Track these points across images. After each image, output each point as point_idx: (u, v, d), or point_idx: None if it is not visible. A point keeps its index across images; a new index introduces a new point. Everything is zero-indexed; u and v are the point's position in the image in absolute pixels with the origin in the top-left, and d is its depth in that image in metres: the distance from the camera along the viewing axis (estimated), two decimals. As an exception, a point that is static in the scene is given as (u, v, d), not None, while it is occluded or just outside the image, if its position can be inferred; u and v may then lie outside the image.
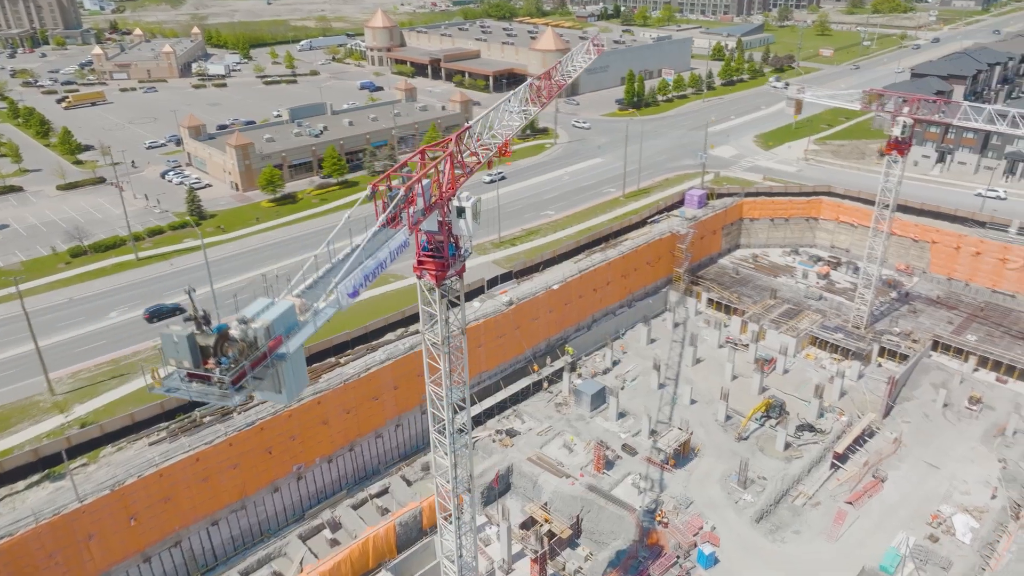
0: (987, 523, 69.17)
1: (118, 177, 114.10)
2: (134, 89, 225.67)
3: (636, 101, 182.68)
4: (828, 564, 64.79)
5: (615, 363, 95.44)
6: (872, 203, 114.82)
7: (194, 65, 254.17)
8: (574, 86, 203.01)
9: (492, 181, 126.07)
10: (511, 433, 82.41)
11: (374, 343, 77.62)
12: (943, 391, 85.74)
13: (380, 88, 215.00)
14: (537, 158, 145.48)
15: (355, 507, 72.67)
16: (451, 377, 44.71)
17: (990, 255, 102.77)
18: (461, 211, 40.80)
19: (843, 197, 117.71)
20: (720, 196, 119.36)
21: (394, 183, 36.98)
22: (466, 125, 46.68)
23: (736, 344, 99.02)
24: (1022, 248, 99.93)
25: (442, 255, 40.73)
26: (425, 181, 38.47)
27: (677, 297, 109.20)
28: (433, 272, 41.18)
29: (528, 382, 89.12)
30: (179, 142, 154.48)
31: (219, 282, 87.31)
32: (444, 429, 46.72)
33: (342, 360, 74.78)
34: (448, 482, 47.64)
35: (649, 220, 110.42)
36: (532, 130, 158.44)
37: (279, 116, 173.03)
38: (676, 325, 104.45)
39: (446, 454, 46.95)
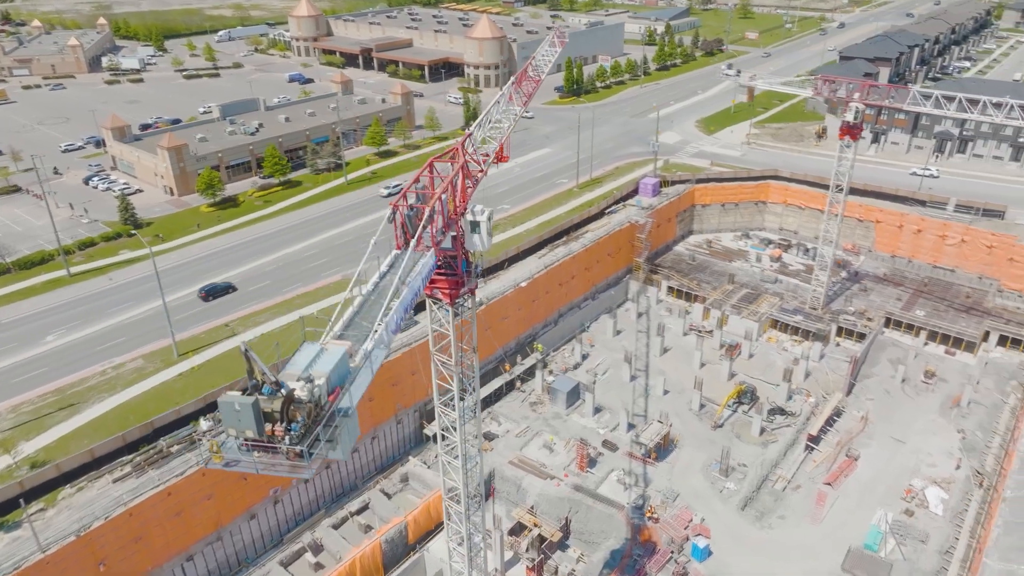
0: (955, 493, 72.20)
1: (40, 184, 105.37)
2: (39, 86, 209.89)
3: (576, 88, 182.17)
4: (816, 547, 66.16)
5: (584, 357, 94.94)
6: (817, 185, 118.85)
7: (104, 59, 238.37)
8: (513, 72, 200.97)
9: (390, 194, 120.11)
10: (488, 436, 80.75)
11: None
12: (902, 367, 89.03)
13: (311, 80, 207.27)
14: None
15: (336, 526, 69.69)
16: (464, 397, 42.56)
17: (931, 232, 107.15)
18: (475, 225, 38.58)
19: (790, 180, 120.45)
20: (672, 183, 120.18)
21: (411, 201, 34.37)
22: (467, 132, 44.33)
23: (700, 331, 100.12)
24: (960, 225, 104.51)
25: (456, 273, 38.39)
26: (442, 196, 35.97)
27: (638, 286, 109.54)
28: (447, 291, 38.90)
29: (501, 382, 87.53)
30: (100, 144, 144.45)
31: (168, 295, 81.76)
32: (446, 443, 44.67)
33: (313, 374, 71.14)
34: (460, 504, 45.68)
35: (607, 211, 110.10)
36: (475, 120, 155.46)
37: (207, 112, 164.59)
38: (640, 315, 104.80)
39: (456, 474, 44.90)
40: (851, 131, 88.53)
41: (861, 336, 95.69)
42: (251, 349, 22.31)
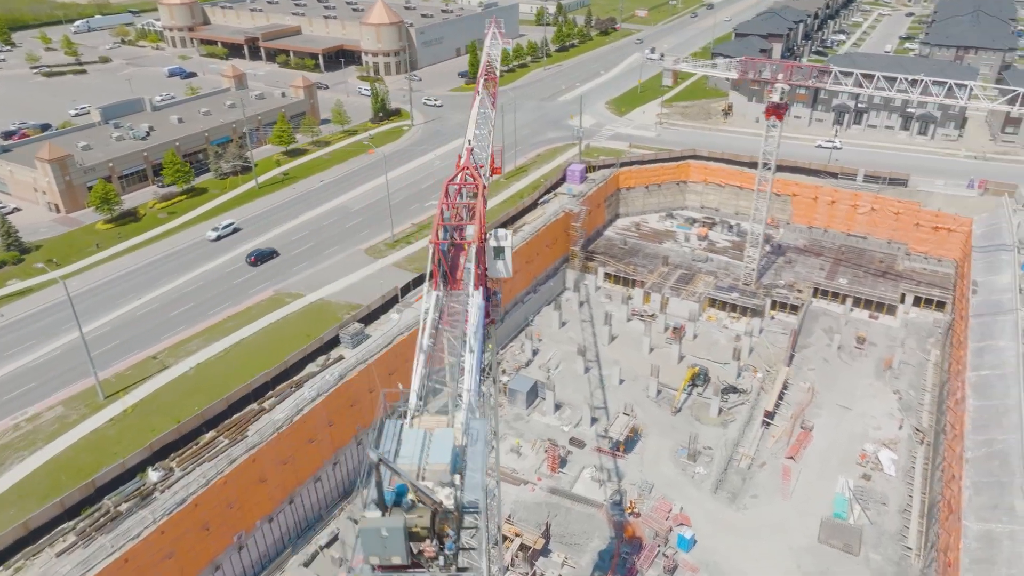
0: (902, 453, 76.57)
1: None
2: None
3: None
4: (791, 522, 68.21)
5: (535, 353, 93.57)
6: (734, 163, 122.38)
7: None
8: (412, 62, 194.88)
9: (219, 237, 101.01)
10: (453, 447, 77.84)
11: (297, 379, 69.09)
12: (837, 336, 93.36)
13: (193, 74, 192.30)
14: (399, 144, 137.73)
15: (306, 564, 65.27)
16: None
17: (843, 202, 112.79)
18: (500, 251, 35.76)
19: (708, 159, 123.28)
20: (597, 168, 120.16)
21: (442, 236, 31.15)
22: (468, 146, 41.10)
23: (643, 316, 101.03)
24: (869, 194, 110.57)
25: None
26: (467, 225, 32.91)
27: (576, 275, 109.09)
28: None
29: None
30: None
31: (76, 329, 72.92)
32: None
33: (267, 405, 65.79)
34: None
35: (539, 201, 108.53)
36: (384, 112, 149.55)
37: (82, 114, 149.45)
38: (581, 304, 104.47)
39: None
40: (777, 111, 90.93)
41: (794, 308, 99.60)
42: (385, 458, 18.63)
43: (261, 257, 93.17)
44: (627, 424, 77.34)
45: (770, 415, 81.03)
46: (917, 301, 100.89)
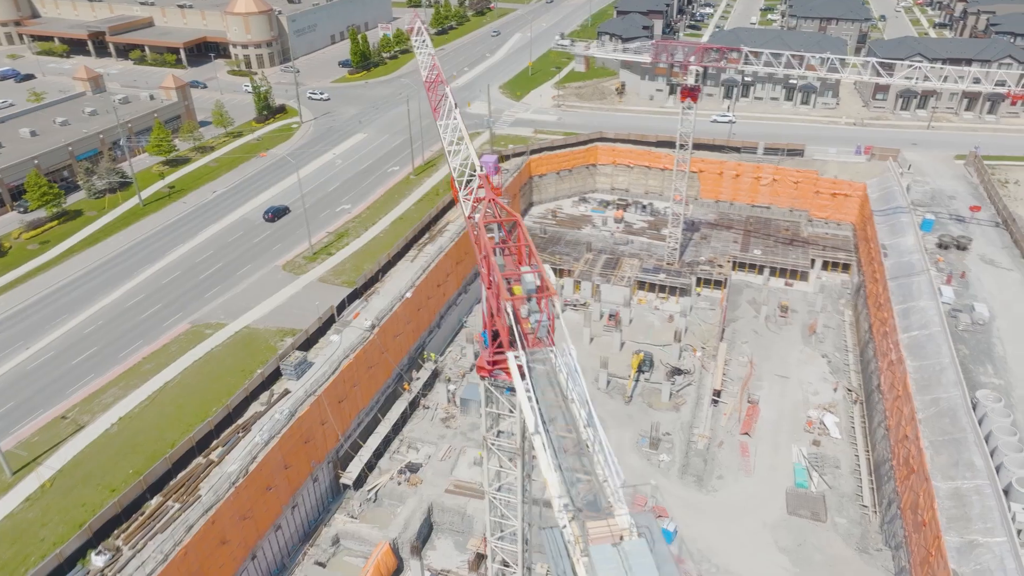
0: (842, 415, 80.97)
1: None
2: None
3: (366, 62, 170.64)
4: (759, 497, 70.26)
5: (476, 356, 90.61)
6: (640, 143, 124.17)
7: None
8: (286, 51, 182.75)
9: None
10: (413, 468, 74.20)
11: (243, 422, 62.68)
12: (764, 307, 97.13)
13: (31, 76, 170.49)
14: (291, 143, 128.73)
15: (278, 621, 59.96)
16: (525, 480, 37.11)
17: (747, 175, 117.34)
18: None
19: (614, 141, 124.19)
20: (508, 158, 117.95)
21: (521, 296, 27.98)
22: (481, 173, 37.54)
23: (575, 305, 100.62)
24: (770, 166, 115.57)
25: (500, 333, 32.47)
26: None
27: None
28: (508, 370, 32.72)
29: (404, 404, 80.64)
30: None
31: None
32: (500, 527, 39.21)
33: (215, 456, 59.20)
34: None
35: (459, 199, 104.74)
36: (269, 111, 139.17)
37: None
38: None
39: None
40: (691, 93, 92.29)
41: (717, 283, 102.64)
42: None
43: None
44: (589, 421, 76.53)
45: (718, 393, 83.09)
46: (825, 265, 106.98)
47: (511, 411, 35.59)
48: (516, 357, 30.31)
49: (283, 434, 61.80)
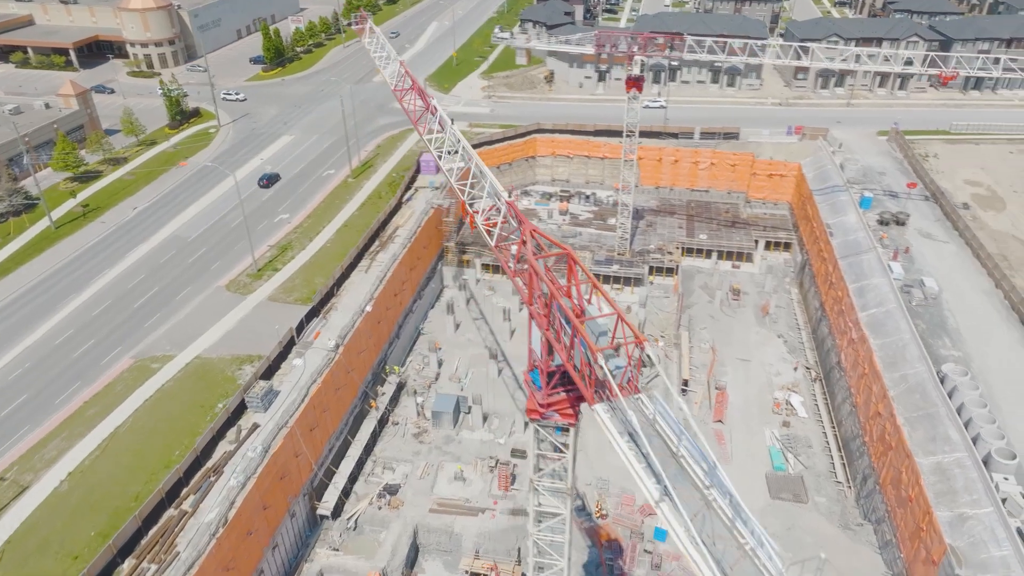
0: (805, 393, 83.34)
1: None
2: None
3: (280, 58, 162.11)
4: (741, 484, 70.03)
5: (440, 364, 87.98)
6: (578, 132, 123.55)
7: None
8: (190, 48, 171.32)
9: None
10: (391, 490, 71.14)
11: (213, 464, 57.99)
12: (718, 292, 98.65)
13: None
14: (212, 150, 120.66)
15: (271, 673, 56.22)
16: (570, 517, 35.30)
17: (685, 161, 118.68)
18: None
19: (553, 132, 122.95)
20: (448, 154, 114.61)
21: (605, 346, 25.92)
22: (509, 200, 35.02)
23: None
24: (707, 150, 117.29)
25: (577, 383, 30.56)
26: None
27: (453, 271, 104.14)
28: (569, 409, 30.82)
29: (373, 423, 77.19)
30: None
31: None
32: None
33: (187, 507, 54.45)
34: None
35: (404, 200, 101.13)
36: (182, 115, 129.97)
37: None
38: (468, 300, 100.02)
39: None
40: (636, 83, 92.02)
41: (669, 271, 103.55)
42: None
43: (98, 317, 76.87)
44: (568, 424, 75.48)
45: (685, 382, 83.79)
46: (768, 245, 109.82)
47: (562, 452, 33.68)
48: (605, 409, 28.31)
49: (259, 473, 57.58)
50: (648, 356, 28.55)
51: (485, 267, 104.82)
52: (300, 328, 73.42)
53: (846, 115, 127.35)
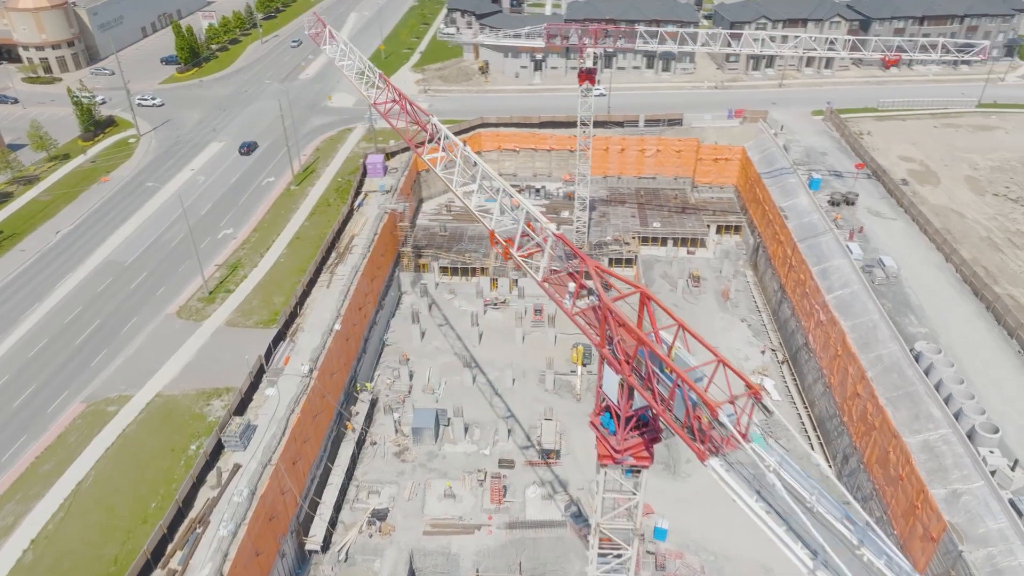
0: (774, 376, 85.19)
1: None
2: None
3: (195, 58, 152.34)
4: (729, 475, 71.99)
5: (411, 376, 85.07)
6: (523, 125, 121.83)
7: None
8: (91, 49, 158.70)
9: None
10: (380, 515, 68.26)
11: (198, 515, 53.70)
12: (680, 280, 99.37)
13: None
14: (135, 163, 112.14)
15: None
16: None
17: (632, 149, 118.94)
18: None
19: (497, 125, 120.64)
20: (393, 155, 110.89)
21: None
22: (557, 232, 32.82)
23: (496, 304, 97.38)
24: (653, 137, 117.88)
25: (655, 426, 29.05)
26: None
27: (411, 277, 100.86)
28: (644, 452, 29.30)
29: (351, 445, 73.80)
30: None
31: None
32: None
33: (175, 565, 50.20)
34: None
35: (356, 207, 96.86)
36: (94, 125, 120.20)
37: None
38: (431, 306, 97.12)
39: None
40: (589, 76, 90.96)
41: (629, 262, 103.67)
42: None
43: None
44: (555, 429, 74.47)
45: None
46: (719, 229, 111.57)
47: (633, 494, 32.22)
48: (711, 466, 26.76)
49: (249, 518, 53.78)
50: (764, 407, 27.20)
51: (443, 270, 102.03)
52: (268, 354, 69.05)
53: (780, 96, 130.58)
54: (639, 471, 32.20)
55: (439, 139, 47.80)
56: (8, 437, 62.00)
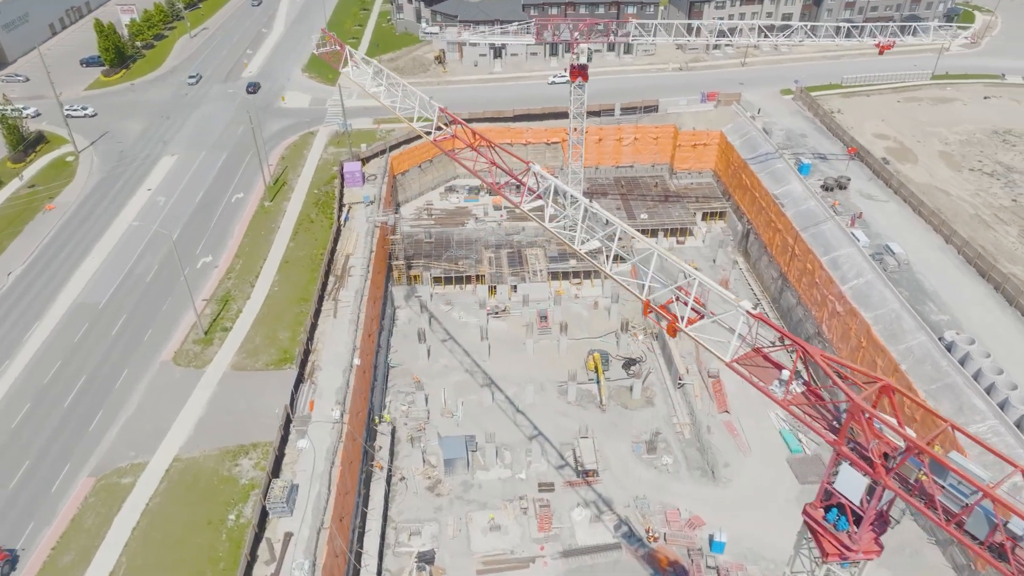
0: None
1: None
2: None
3: (123, 59, 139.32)
4: (768, 475, 72.07)
5: (427, 400, 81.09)
6: (496, 120, 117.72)
7: None
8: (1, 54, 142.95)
9: None
10: (428, 559, 64.95)
11: (259, 598, 49.07)
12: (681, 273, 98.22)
13: None
14: (79, 185, 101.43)
15: None
16: None
17: (609, 138, 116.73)
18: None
19: (470, 121, 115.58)
20: (367, 160, 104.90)
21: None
22: (753, 312, 29.95)
23: (497, 311, 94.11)
24: (630, 126, 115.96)
25: (886, 518, 26.94)
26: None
27: (404, 291, 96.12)
28: (875, 545, 27.20)
29: (382, 484, 69.73)
30: None
31: None
32: None
33: (249, 660, 45.72)
34: None
35: (343, 222, 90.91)
36: (23, 145, 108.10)
37: None
38: (431, 320, 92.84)
39: None
40: (582, 72, 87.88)
41: (620, 258, 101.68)
42: None
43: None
44: (592, 447, 72.48)
45: (680, 377, 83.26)
46: (704, 216, 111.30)
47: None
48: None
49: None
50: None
51: (436, 280, 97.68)
52: (291, 400, 63.87)
53: (745, 75, 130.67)
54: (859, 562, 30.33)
55: (545, 192, 43.61)
56: (14, 526, 55.04)
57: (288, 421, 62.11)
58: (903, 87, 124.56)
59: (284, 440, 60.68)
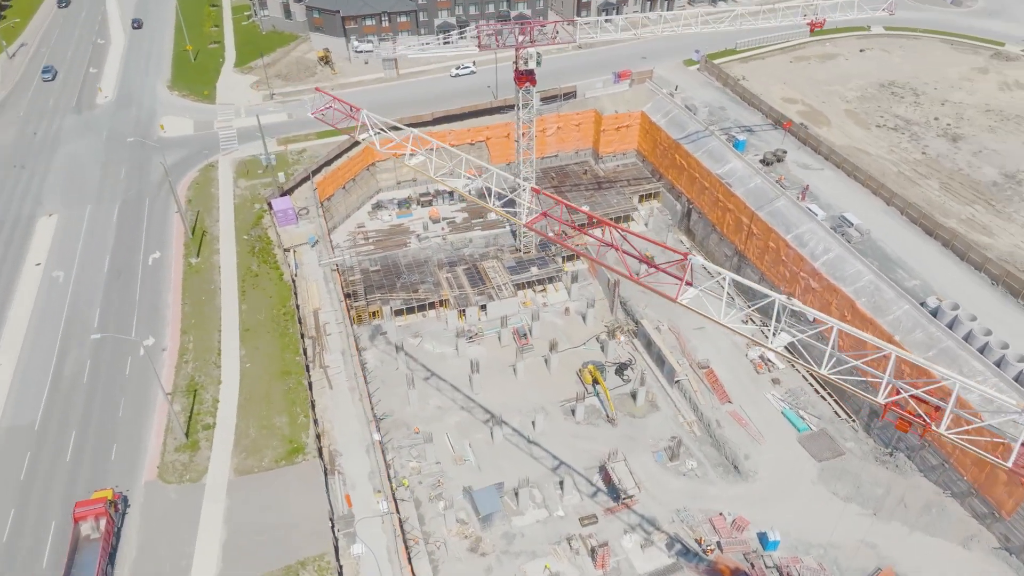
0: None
1: None
2: None
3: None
4: (787, 460, 74.41)
5: (433, 449, 75.93)
6: (415, 125, 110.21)
7: None
8: None
9: None
10: (497, 627, 61.61)
11: None
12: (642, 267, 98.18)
13: None
14: None
15: None
16: None
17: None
18: None
19: (383, 131, 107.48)
20: (292, 191, 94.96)
21: None
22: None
23: (472, 336, 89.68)
24: (552, 115, 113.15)
25: None
26: None
27: (368, 330, 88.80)
28: None
29: (425, 559, 64.79)
30: None
31: None
32: None
33: None
34: None
35: (295, 274, 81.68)
36: None
37: None
38: (405, 356, 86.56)
39: None
40: (529, 77, 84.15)
41: (572, 258, 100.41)
42: None
43: None
44: (626, 470, 71.27)
45: (676, 374, 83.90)
46: (640, 198, 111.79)
47: None
48: None
49: None
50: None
51: (397, 312, 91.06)
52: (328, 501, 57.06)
53: (645, 49, 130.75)
54: None
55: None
56: None
57: (333, 528, 55.55)
58: (790, 47, 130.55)
59: (335, 550, 54.28)
